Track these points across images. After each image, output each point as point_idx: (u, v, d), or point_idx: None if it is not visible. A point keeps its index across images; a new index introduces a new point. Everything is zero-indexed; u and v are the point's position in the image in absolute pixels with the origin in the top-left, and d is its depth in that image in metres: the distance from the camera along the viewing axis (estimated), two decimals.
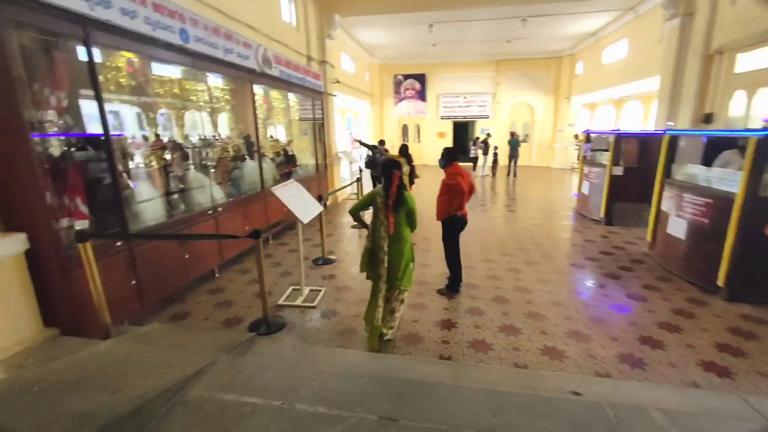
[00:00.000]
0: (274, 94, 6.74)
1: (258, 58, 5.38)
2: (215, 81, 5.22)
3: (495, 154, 13.40)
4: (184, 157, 4.56)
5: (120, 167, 3.44)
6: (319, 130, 8.25)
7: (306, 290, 3.98)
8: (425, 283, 4.21)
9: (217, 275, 4.49)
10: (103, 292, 2.88)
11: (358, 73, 13.66)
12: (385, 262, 2.88)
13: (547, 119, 16.04)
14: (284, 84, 6.31)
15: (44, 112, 2.70)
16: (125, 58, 3.60)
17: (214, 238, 3.98)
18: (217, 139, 5.41)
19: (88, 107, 3.33)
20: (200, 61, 4.17)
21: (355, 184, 7.27)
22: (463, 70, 16.30)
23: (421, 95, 16.94)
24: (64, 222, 2.82)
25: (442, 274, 4.36)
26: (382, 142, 8.57)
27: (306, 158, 7.98)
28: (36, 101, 2.64)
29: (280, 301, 3.77)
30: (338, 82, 9.67)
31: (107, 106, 4.14)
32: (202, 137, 5.21)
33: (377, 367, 2.62)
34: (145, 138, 4.25)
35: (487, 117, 16.59)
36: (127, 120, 4.34)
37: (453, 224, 3.83)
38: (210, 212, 4.33)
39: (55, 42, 2.77)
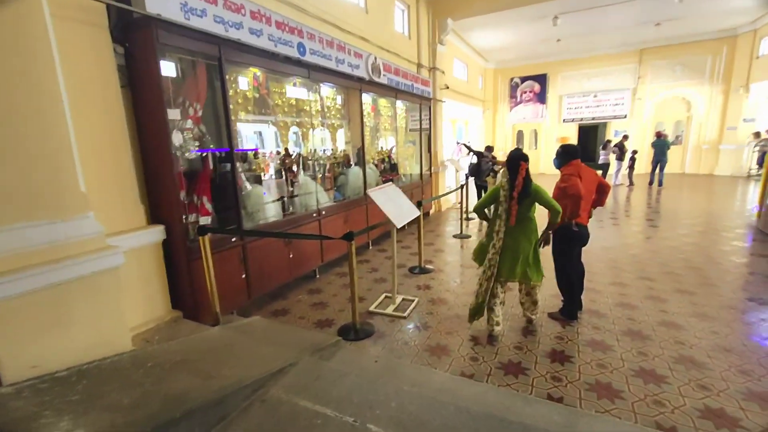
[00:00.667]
0: (382, 102, 6.87)
1: (368, 67, 5.53)
2: (327, 91, 5.53)
3: (632, 159, 11.28)
4: (297, 163, 4.96)
5: (241, 171, 3.85)
6: (426, 137, 8.14)
7: (398, 299, 3.81)
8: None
9: (317, 276, 4.68)
10: (217, 283, 3.20)
11: (471, 79, 13.21)
12: (490, 253, 2.96)
13: (711, 115, 12.86)
14: (392, 91, 6.38)
15: (184, 121, 3.15)
16: (252, 72, 4.03)
17: (308, 237, 4.12)
18: (333, 151, 5.82)
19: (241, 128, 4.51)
20: (315, 72, 4.44)
21: (459, 191, 6.87)
22: (595, 65, 14.31)
23: (540, 97, 15.48)
24: (192, 217, 3.24)
25: (555, 295, 3.70)
26: (489, 149, 7.97)
27: (411, 165, 7.94)
28: (178, 111, 3.11)
29: (372, 308, 3.68)
30: (447, 87, 9.44)
31: (252, 127, 5.03)
32: (323, 149, 5.77)
33: (466, 397, 2.26)
34: (278, 152, 4.94)
35: (624, 117, 14.19)
36: (267, 138, 5.32)
37: (565, 235, 3.19)
38: (314, 215, 4.54)
39: (193, 60, 3.23)
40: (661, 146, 10.83)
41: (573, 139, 15.25)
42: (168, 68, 3.02)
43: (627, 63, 13.84)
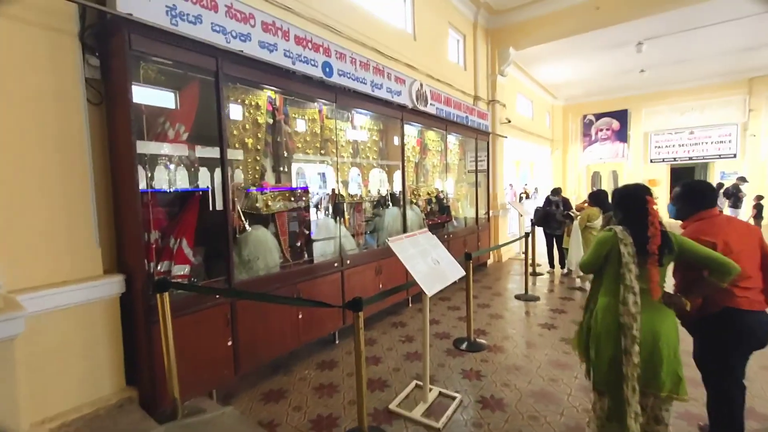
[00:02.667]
0: (430, 135, 6.06)
1: (411, 94, 4.80)
2: (362, 120, 4.87)
3: (758, 207, 8.96)
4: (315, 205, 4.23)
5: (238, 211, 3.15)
6: (484, 176, 7.09)
7: (433, 393, 2.67)
8: None
9: (336, 342, 3.71)
10: (193, 354, 2.44)
11: (537, 116, 12.04)
12: (633, 355, 1.66)
13: None
14: (441, 122, 5.55)
15: (160, 144, 2.56)
16: (266, 95, 3.47)
17: (291, 302, 2.89)
18: (388, 192, 5.17)
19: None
20: (343, 96, 3.78)
21: (523, 240, 5.57)
22: (689, 97, 12.32)
23: (620, 135, 13.64)
24: (164, 266, 2.54)
25: (688, 415, 2.30)
26: (555, 192, 6.47)
27: (464, 207, 6.87)
28: (156, 134, 2.54)
29: (393, 405, 2.58)
30: (509, 121, 8.41)
31: (314, 168, 4.62)
32: (378, 190, 5.15)
33: None
34: (334, 192, 4.22)
35: (732, 156, 11.81)
36: (329, 178, 4.72)
37: (733, 329, 1.86)
38: (335, 264, 3.67)
39: (182, 74, 2.69)
40: None
41: (664, 182, 13.00)
42: (143, 81, 2.49)
43: (732, 95, 11.71)
